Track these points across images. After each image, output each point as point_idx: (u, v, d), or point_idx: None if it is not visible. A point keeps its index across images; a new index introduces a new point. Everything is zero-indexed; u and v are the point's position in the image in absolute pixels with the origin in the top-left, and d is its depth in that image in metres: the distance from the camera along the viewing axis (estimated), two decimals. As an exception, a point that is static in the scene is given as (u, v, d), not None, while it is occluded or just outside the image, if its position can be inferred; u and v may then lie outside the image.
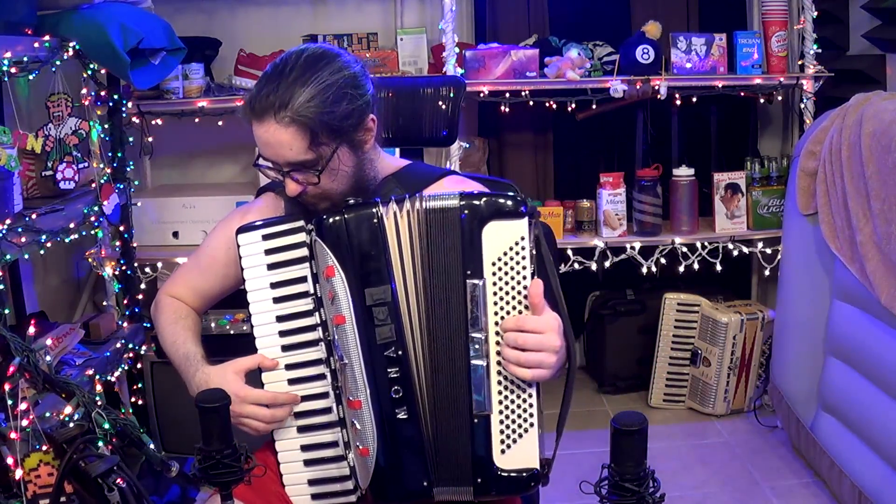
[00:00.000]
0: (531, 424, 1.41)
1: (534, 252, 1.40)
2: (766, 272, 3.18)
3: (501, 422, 1.41)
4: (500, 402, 1.41)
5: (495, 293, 1.39)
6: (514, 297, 1.40)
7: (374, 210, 1.43)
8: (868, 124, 2.35)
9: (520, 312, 1.40)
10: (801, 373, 2.77)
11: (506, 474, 1.41)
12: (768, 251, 3.16)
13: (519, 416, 1.41)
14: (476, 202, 1.40)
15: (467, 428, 1.42)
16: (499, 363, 1.40)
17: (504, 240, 1.39)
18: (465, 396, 1.41)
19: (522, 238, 1.39)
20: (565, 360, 1.46)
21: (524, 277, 1.39)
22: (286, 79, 1.46)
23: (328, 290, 1.44)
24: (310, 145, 1.47)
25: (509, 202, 1.40)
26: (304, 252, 1.50)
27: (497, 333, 1.40)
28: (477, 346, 1.40)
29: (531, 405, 1.41)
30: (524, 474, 1.41)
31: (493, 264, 1.39)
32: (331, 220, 1.44)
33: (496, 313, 1.40)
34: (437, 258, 1.42)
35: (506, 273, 1.39)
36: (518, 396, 1.41)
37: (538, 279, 1.40)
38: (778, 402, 2.95)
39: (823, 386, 2.63)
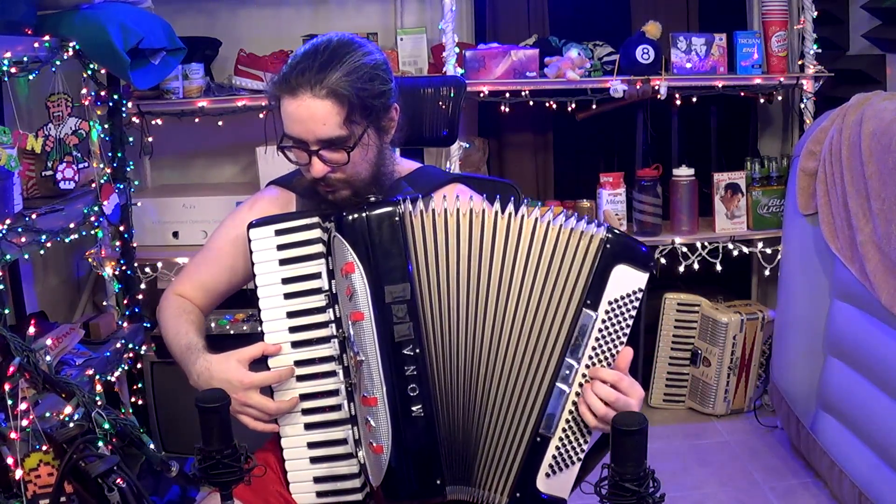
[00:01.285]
0: (579, 459, 1.43)
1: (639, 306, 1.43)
2: (766, 272, 3.18)
3: (557, 448, 1.42)
4: (564, 431, 1.42)
5: (600, 330, 1.41)
6: (612, 341, 1.41)
7: (395, 208, 1.44)
8: (868, 124, 2.35)
9: (612, 355, 1.41)
10: (801, 373, 2.77)
11: (542, 496, 1.43)
12: (768, 251, 3.16)
13: (573, 448, 1.42)
14: (621, 240, 1.42)
15: (527, 443, 1.42)
16: (577, 394, 1.41)
17: (626, 284, 1.41)
18: (536, 414, 1.42)
19: (640, 290, 1.42)
20: None
21: (627, 327, 1.41)
22: (321, 57, 1.48)
23: (346, 287, 1.45)
24: (344, 120, 1.47)
25: (645, 253, 1.43)
26: (318, 248, 1.51)
27: (587, 367, 1.41)
28: (567, 372, 1.41)
29: (586, 441, 1.43)
30: (554, 501, 1.44)
31: (609, 304, 1.41)
32: (352, 216, 1.44)
33: (593, 348, 1.41)
34: (547, 278, 1.42)
35: (615, 316, 1.41)
36: (580, 430, 1.42)
37: (630, 348, 1.42)
38: (778, 402, 2.95)
39: (823, 386, 2.63)
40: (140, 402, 2.78)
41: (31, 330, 2.04)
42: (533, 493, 1.43)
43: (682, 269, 3.16)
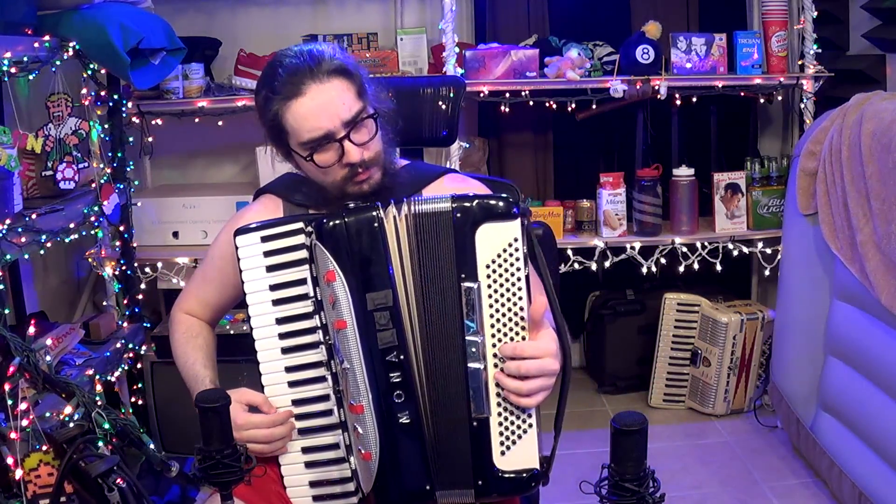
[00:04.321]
0: (530, 425, 1.40)
1: (527, 253, 1.39)
2: (766, 272, 3.18)
3: (500, 423, 1.40)
4: (499, 405, 1.40)
5: (490, 296, 1.38)
6: (509, 300, 1.38)
7: (374, 213, 1.42)
8: (868, 124, 2.35)
9: (515, 314, 1.38)
10: (801, 373, 2.77)
11: (506, 475, 1.41)
12: (768, 251, 3.16)
13: (518, 416, 1.40)
14: (468, 204, 1.39)
15: (467, 431, 1.41)
16: (496, 366, 1.39)
17: (498, 242, 1.38)
18: (464, 400, 1.40)
19: (516, 240, 1.38)
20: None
21: (519, 279, 1.38)
22: (305, 57, 1.49)
23: (329, 295, 1.44)
24: (357, 92, 1.49)
25: (501, 203, 1.38)
26: (303, 254, 1.49)
27: (493, 336, 1.39)
28: (473, 350, 1.39)
29: (527, 406, 1.40)
30: (524, 475, 1.41)
31: (488, 266, 1.38)
32: (331, 223, 1.42)
33: (492, 315, 1.39)
34: (431, 262, 1.41)
35: (500, 275, 1.38)
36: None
37: (542, 297, 1.39)
38: (778, 402, 2.95)
39: (823, 386, 2.63)
40: (140, 402, 2.78)
41: (31, 330, 2.05)
42: (495, 475, 1.41)
43: (682, 269, 3.16)
